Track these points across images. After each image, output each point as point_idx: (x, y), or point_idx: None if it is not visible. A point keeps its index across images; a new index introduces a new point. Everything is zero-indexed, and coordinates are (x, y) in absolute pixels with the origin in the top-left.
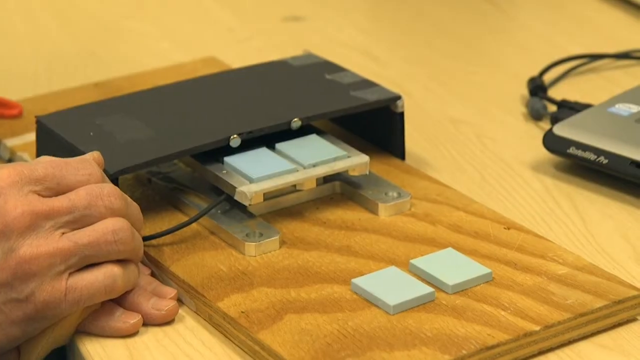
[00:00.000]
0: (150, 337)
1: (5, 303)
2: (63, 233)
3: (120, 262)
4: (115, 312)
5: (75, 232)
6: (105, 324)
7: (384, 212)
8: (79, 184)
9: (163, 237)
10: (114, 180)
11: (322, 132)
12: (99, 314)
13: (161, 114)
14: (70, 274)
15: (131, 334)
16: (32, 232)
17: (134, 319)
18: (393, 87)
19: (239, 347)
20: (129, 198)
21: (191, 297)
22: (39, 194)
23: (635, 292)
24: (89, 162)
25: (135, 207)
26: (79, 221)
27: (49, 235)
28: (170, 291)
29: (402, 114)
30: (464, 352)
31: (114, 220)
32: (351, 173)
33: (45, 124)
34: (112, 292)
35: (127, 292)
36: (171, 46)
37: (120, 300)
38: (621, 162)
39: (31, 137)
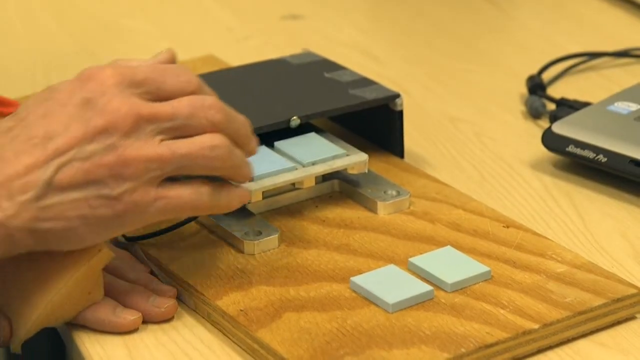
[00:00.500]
0: (149, 335)
1: (96, 198)
2: (162, 140)
3: (213, 180)
4: (115, 308)
5: (174, 141)
6: (105, 318)
7: (383, 210)
8: (178, 91)
9: (162, 236)
10: None
11: (321, 130)
12: (99, 309)
13: None
14: (161, 182)
15: (130, 330)
16: (134, 133)
17: (133, 315)
18: (392, 86)
19: (238, 345)
20: (233, 112)
21: (190, 295)
22: (139, 97)
23: (633, 291)
24: (187, 69)
25: (240, 122)
26: (179, 129)
27: (150, 139)
28: (170, 289)
29: (401, 112)
30: (462, 350)
31: (213, 136)
32: (350, 171)
33: None
34: (198, 208)
35: (127, 290)
36: (170, 45)
37: (120, 297)
38: (620, 161)
39: None
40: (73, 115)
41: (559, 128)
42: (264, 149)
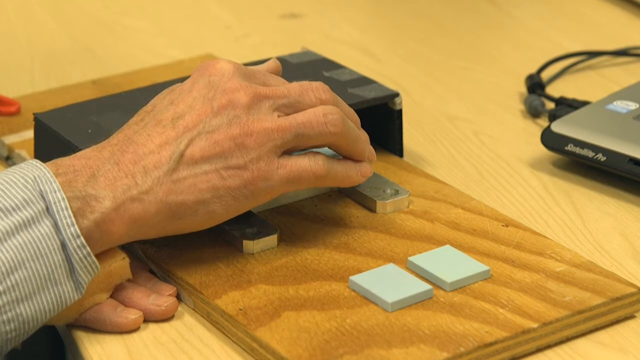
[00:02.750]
0: (149, 335)
1: (225, 169)
2: (279, 115)
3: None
4: (116, 308)
5: (290, 115)
6: (107, 318)
7: (382, 209)
8: (283, 82)
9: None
10: None
11: None
12: (101, 309)
13: None
14: (281, 155)
15: (132, 329)
16: (253, 108)
17: (135, 314)
18: (391, 85)
19: (237, 344)
20: (341, 100)
21: (189, 294)
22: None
23: (632, 289)
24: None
25: (347, 108)
26: (292, 106)
27: (268, 113)
28: (170, 287)
29: (400, 111)
30: (461, 349)
31: (325, 106)
32: None
33: (43, 121)
34: (317, 176)
35: (127, 289)
36: (168, 43)
37: (120, 297)
38: (619, 159)
39: (29, 134)
40: (197, 97)
41: (558, 127)
42: None
